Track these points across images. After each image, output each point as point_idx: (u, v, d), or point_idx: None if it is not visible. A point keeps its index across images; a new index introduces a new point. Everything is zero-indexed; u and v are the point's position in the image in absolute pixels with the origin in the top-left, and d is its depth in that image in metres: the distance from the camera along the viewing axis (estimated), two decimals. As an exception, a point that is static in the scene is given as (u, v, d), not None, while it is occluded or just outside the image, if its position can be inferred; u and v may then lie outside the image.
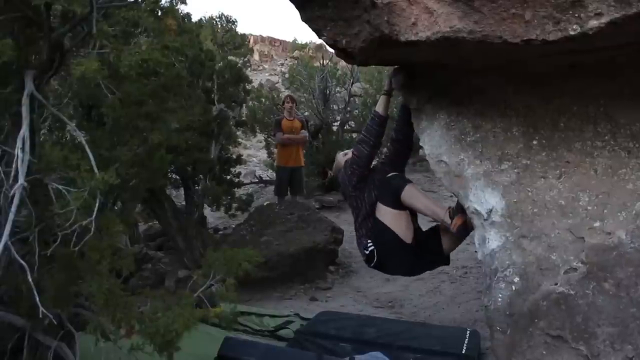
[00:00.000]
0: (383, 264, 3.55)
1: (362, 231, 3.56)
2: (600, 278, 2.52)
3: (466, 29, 2.17)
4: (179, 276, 5.85)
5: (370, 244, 3.47)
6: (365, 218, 3.52)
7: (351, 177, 3.57)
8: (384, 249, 3.45)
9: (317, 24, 2.82)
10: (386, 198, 3.41)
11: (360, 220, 3.56)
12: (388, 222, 3.40)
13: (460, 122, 3.03)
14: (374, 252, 3.46)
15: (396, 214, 3.39)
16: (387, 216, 3.40)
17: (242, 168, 9.41)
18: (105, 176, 2.12)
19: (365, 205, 3.52)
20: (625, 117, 2.61)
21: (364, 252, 3.53)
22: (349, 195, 3.65)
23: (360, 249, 3.62)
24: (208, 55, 6.72)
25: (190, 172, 6.73)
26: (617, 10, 1.88)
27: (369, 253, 3.49)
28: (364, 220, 3.54)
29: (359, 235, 3.63)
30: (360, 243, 3.62)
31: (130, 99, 2.75)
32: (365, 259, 3.59)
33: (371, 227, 3.48)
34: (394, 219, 3.40)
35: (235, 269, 2.64)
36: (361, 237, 3.58)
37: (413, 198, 3.38)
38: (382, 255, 3.47)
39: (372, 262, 3.52)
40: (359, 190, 3.54)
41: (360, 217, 3.55)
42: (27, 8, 2.25)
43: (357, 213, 3.58)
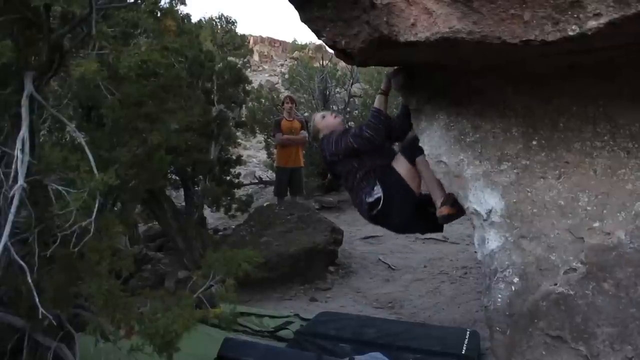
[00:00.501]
0: (385, 212, 3.60)
1: (364, 184, 3.65)
2: (600, 278, 2.52)
3: (465, 29, 2.17)
4: (179, 277, 5.85)
5: (377, 192, 3.57)
6: (370, 172, 3.63)
7: (348, 147, 3.67)
8: (391, 193, 3.56)
9: (316, 24, 2.82)
10: (407, 154, 3.60)
11: (362, 176, 3.65)
12: (402, 172, 3.58)
13: (460, 122, 3.03)
14: (380, 198, 3.55)
15: (411, 168, 3.58)
16: (403, 167, 3.59)
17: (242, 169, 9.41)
18: (104, 177, 2.12)
19: (368, 161, 3.65)
20: (624, 117, 2.61)
21: (367, 201, 3.60)
22: (335, 161, 3.78)
23: (362, 200, 3.67)
24: (208, 56, 6.72)
25: (189, 172, 6.73)
26: (616, 10, 1.88)
27: (374, 200, 3.57)
28: (366, 175, 3.64)
29: (357, 190, 3.70)
30: (360, 197, 3.69)
31: (130, 100, 2.75)
32: (367, 207, 3.64)
33: (380, 175, 3.61)
34: (408, 172, 3.58)
35: (235, 270, 2.64)
36: (362, 189, 3.66)
37: (424, 166, 3.47)
38: (388, 200, 3.56)
39: (375, 209, 3.59)
40: (354, 157, 3.67)
41: (361, 173, 3.65)
42: (26, 9, 2.25)
43: (353, 173, 3.69)
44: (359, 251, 6.97)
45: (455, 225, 7.58)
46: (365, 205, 3.64)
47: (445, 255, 6.45)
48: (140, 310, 2.43)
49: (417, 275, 5.91)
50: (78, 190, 2.13)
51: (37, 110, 2.47)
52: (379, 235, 7.56)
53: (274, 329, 4.14)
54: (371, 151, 3.65)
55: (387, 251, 6.92)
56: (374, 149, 3.66)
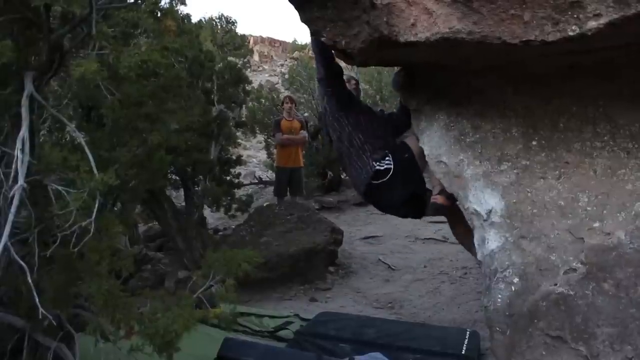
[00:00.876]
0: (390, 185, 3.47)
1: (368, 147, 3.51)
2: (600, 278, 2.52)
3: (465, 29, 2.17)
4: (179, 277, 5.85)
5: (388, 162, 3.43)
6: (376, 139, 3.53)
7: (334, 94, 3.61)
8: (402, 168, 3.44)
9: (316, 24, 2.82)
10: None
11: (363, 140, 3.53)
12: (414, 149, 3.47)
13: (460, 122, 3.03)
14: (390, 170, 3.42)
15: (422, 152, 3.41)
16: (415, 145, 3.45)
17: (242, 169, 9.40)
18: (104, 177, 2.12)
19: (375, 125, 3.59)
20: (624, 117, 2.61)
21: (375, 167, 3.45)
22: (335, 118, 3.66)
23: (365, 165, 3.51)
24: (208, 56, 6.72)
25: (190, 172, 6.72)
26: (616, 11, 1.88)
27: (384, 170, 3.44)
28: (370, 142, 3.53)
29: (353, 152, 3.56)
30: (360, 162, 3.53)
31: (130, 100, 2.75)
32: (372, 174, 3.47)
33: (392, 147, 3.51)
34: (420, 154, 3.44)
35: (234, 270, 2.63)
36: (366, 154, 3.51)
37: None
38: (397, 174, 3.44)
39: (381, 179, 3.45)
40: (346, 108, 3.59)
41: (361, 137, 3.53)
42: (26, 9, 2.24)
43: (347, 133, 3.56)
44: (359, 251, 6.97)
45: (455, 226, 7.59)
46: (371, 171, 3.46)
47: (445, 256, 6.45)
48: (140, 311, 2.42)
49: (417, 276, 5.91)
50: (78, 190, 2.13)
51: (37, 110, 2.47)
52: (378, 236, 7.57)
53: (273, 329, 4.14)
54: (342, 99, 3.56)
55: (387, 251, 6.92)
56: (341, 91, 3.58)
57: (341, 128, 3.57)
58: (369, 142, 3.49)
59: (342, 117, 3.53)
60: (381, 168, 3.44)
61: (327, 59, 3.41)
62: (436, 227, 7.73)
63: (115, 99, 2.63)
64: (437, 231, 7.60)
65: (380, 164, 3.44)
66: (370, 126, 3.54)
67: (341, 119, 3.54)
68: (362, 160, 3.50)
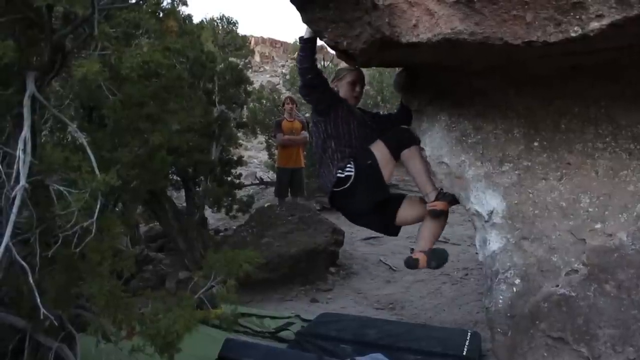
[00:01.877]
0: (350, 192, 3.37)
1: (337, 156, 3.41)
2: (602, 280, 2.52)
3: (467, 30, 2.17)
4: (180, 277, 5.86)
5: (349, 169, 3.34)
6: (346, 146, 3.43)
7: (311, 103, 3.56)
8: (363, 175, 3.34)
9: (318, 25, 2.82)
10: (390, 143, 3.40)
11: (334, 148, 3.44)
12: (378, 156, 3.36)
13: (461, 123, 3.03)
14: (351, 176, 3.33)
15: (387, 155, 3.37)
16: (380, 152, 3.37)
17: (243, 169, 9.41)
18: (106, 177, 2.13)
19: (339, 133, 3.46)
20: (626, 118, 2.61)
21: (337, 174, 3.37)
22: (314, 123, 3.58)
23: (331, 172, 3.42)
24: (209, 56, 6.72)
25: (191, 173, 6.73)
26: (618, 11, 1.87)
27: (344, 176, 3.34)
28: (340, 148, 3.43)
29: (325, 159, 3.48)
30: (329, 168, 3.45)
31: (131, 101, 2.75)
32: (335, 181, 3.38)
33: (356, 154, 3.40)
34: (383, 157, 3.36)
35: (235, 271, 2.64)
36: (333, 162, 3.42)
37: (412, 159, 3.37)
38: (357, 181, 3.34)
39: (342, 187, 3.36)
40: (324, 115, 3.47)
41: (334, 144, 3.44)
42: (28, 10, 2.25)
43: (323, 140, 3.47)
44: (360, 252, 6.97)
45: (456, 227, 7.61)
46: (334, 178, 3.39)
47: (447, 257, 6.43)
48: (142, 311, 2.43)
49: (418, 277, 5.91)
50: (79, 190, 2.13)
51: (39, 110, 2.47)
52: (380, 236, 7.55)
53: (274, 329, 4.14)
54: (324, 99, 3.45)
55: (388, 252, 6.93)
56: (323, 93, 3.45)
57: (317, 134, 3.52)
58: (339, 151, 3.41)
59: (319, 123, 3.47)
60: (342, 175, 3.36)
61: (305, 70, 3.34)
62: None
63: (117, 100, 2.63)
64: (438, 232, 7.56)
65: (341, 172, 3.36)
66: (347, 135, 3.44)
67: (319, 125, 3.48)
68: (329, 168, 3.44)
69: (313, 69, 3.33)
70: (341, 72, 3.76)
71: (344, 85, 3.62)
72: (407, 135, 3.43)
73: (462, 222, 7.43)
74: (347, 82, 3.62)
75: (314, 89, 3.39)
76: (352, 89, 3.62)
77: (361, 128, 3.50)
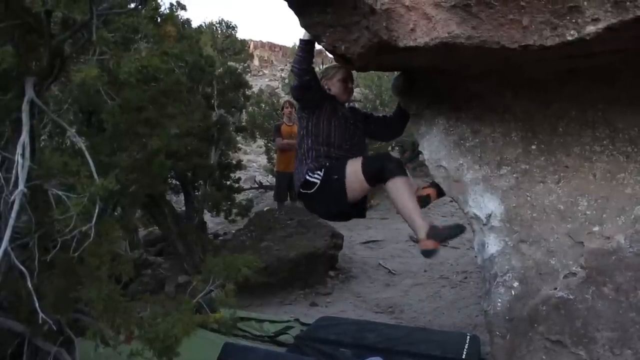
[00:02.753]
0: (311, 198, 3.38)
1: (311, 154, 3.39)
2: (600, 282, 2.52)
3: (464, 34, 2.18)
4: (179, 281, 5.86)
5: (317, 177, 3.30)
6: (322, 149, 3.39)
7: (298, 101, 3.58)
8: (326, 187, 3.28)
9: (316, 29, 2.83)
10: (368, 168, 3.21)
11: (309, 146, 3.41)
12: (348, 177, 3.23)
13: (459, 127, 3.04)
14: (316, 183, 3.29)
15: (360, 181, 3.21)
16: (353, 174, 3.23)
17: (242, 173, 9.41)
18: (104, 182, 2.13)
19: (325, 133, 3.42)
20: (623, 121, 2.62)
21: (306, 175, 3.34)
22: (298, 117, 3.62)
23: (302, 169, 3.40)
24: (208, 61, 6.74)
25: (190, 177, 6.74)
26: (614, 15, 1.88)
27: (311, 181, 3.31)
28: (316, 148, 3.40)
29: (299, 155, 3.46)
30: (300, 163, 3.44)
31: (130, 105, 2.76)
32: (302, 181, 3.36)
33: (331, 163, 3.34)
34: (355, 182, 3.23)
35: (234, 275, 2.64)
36: (306, 161, 3.39)
37: (397, 192, 3.16)
38: (320, 191, 3.30)
39: (306, 190, 3.35)
40: (308, 112, 3.46)
41: (310, 142, 3.41)
42: (27, 15, 2.26)
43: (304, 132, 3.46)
44: (359, 256, 6.97)
45: (455, 230, 7.60)
46: (303, 178, 3.36)
47: (446, 260, 6.45)
48: (140, 315, 2.43)
49: (418, 280, 5.92)
50: (78, 195, 2.13)
51: (38, 115, 2.47)
52: (379, 240, 7.57)
53: (274, 333, 4.14)
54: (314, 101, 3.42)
55: (387, 256, 6.93)
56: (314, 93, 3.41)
57: (299, 129, 3.54)
58: (314, 149, 3.38)
59: (302, 119, 3.48)
60: (309, 179, 3.33)
61: (303, 71, 3.31)
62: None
63: (116, 104, 2.64)
64: (437, 235, 7.57)
65: (310, 175, 3.33)
66: (326, 134, 3.40)
67: (302, 120, 3.50)
68: (301, 164, 3.43)
69: (310, 70, 3.35)
70: (330, 70, 3.74)
71: (335, 84, 3.61)
72: (392, 165, 3.19)
73: (461, 226, 7.42)
74: (338, 79, 3.61)
75: (309, 90, 3.39)
76: (345, 86, 3.62)
77: (343, 128, 3.47)
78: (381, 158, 3.34)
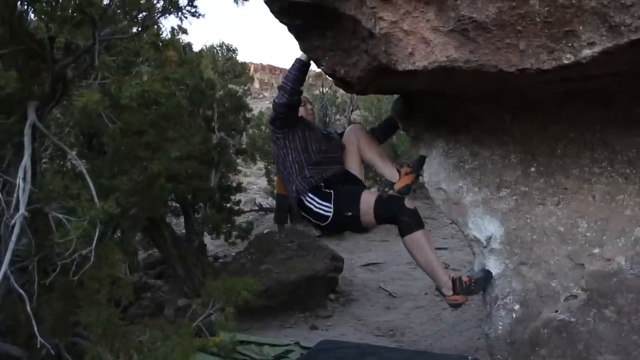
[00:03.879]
0: (324, 228, 3.38)
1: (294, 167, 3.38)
2: (601, 305, 2.51)
3: (462, 58, 2.20)
4: (179, 305, 5.81)
5: (327, 209, 3.26)
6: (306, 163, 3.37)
7: (274, 121, 3.47)
8: (341, 220, 3.26)
9: (316, 53, 2.86)
10: (381, 212, 3.19)
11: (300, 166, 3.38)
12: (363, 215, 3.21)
13: (458, 149, 3.05)
14: (328, 217, 3.25)
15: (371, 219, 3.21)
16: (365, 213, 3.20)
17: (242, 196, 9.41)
18: (105, 205, 2.14)
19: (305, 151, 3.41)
20: (621, 143, 2.63)
21: (314, 209, 3.30)
22: (273, 139, 3.56)
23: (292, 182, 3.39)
24: (208, 84, 6.78)
25: (190, 200, 6.73)
26: (609, 39, 1.91)
27: (323, 215, 3.27)
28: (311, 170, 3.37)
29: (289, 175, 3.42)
30: (288, 179, 3.43)
31: (131, 129, 2.78)
32: (312, 215, 3.33)
33: (338, 194, 3.29)
34: (367, 216, 3.21)
35: (234, 298, 2.63)
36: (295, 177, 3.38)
37: (419, 249, 3.14)
38: (334, 222, 3.27)
39: (319, 222, 3.31)
40: (284, 131, 3.42)
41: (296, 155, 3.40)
42: (31, 41, 2.29)
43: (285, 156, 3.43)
44: (360, 278, 6.93)
45: (456, 252, 7.59)
46: (309, 210, 3.32)
47: (446, 282, 6.40)
48: (140, 339, 2.42)
49: (418, 303, 5.88)
50: (79, 218, 2.14)
51: (39, 138, 2.49)
52: (379, 263, 7.54)
53: (274, 357, 4.10)
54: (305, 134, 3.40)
55: (387, 278, 6.89)
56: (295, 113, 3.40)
57: (278, 151, 3.50)
58: (296, 162, 3.37)
59: (279, 140, 3.44)
60: (320, 213, 3.29)
61: (295, 91, 3.28)
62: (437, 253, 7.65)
63: (117, 128, 2.66)
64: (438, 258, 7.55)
65: (319, 207, 3.29)
66: (304, 144, 3.40)
67: (278, 141, 3.45)
68: (290, 184, 3.42)
69: (300, 92, 3.35)
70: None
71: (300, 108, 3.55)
72: (407, 220, 3.10)
73: (462, 248, 7.40)
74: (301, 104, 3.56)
75: (293, 109, 3.37)
76: (305, 109, 3.63)
77: (317, 135, 3.48)
78: (395, 207, 3.18)
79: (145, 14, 2.39)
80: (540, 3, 1.97)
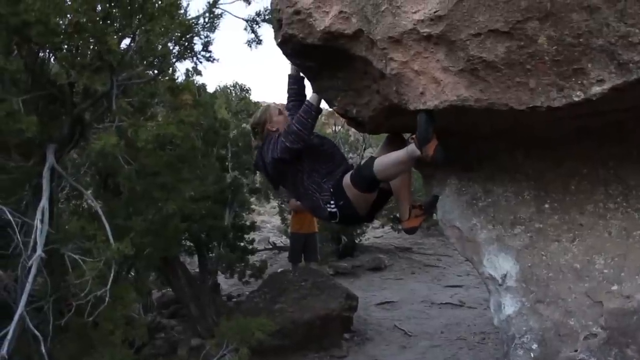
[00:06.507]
0: (343, 220, 3.38)
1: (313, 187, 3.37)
2: (622, 344, 2.45)
3: (473, 97, 2.23)
4: (192, 345, 5.77)
5: (333, 207, 3.29)
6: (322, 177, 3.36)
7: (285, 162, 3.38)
8: (344, 212, 3.28)
9: (327, 94, 2.91)
10: (356, 180, 3.17)
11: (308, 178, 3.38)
12: (351, 198, 3.22)
13: (471, 187, 3.05)
14: (336, 213, 3.28)
15: (359, 195, 3.20)
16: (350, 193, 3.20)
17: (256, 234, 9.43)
18: (120, 246, 2.16)
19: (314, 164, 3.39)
20: (635, 179, 2.62)
21: (328, 210, 3.33)
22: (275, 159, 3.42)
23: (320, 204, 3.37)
24: (222, 124, 6.88)
25: (204, 239, 6.75)
26: (618, 77, 1.93)
27: (333, 212, 3.30)
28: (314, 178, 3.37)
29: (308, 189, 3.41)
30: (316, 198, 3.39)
31: (146, 170, 2.82)
32: (326, 215, 3.37)
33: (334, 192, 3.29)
34: (357, 198, 3.22)
35: (248, 338, 2.62)
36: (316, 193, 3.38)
37: (385, 168, 3.05)
38: (343, 216, 3.30)
39: (333, 220, 3.37)
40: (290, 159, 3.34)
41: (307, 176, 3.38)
42: (52, 87, 2.36)
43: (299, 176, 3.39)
44: (375, 317, 6.85)
45: (471, 289, 7.49)
46: (326, 212, 3.35)
47: (463, 321, 6.32)
48: (153, 381, 2.40)
49: (434, 342, 5.78)
50: (94, 259, 2.16)
51: (57, 179, 2.54)
52: (394, 301, 7.46)
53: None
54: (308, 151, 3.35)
55: (403, 317, 6.81)
56: (310, 148, 3.35)
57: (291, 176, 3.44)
58: (314, 171, 3.35)
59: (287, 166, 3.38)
60: (332, 211, 3.32)
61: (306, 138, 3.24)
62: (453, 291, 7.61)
63: (132, 169, 2.70)
64: (453, 295, 7.48)
65: (330, 207, 3.31)
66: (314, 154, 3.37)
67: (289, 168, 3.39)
68: (314, 200, 3.39)
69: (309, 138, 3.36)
70: (262, 117, 3.58)
71: (279, 120, 3.49)
72: (370, 162, 3.12)
73: (478, 285, 7.31)
74: (276, 115, 3.52)
75: (299, 152, 3.41)
76: (283, 116, 3.52)
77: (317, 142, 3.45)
78: (360, 167, 3.26)
79: (161, 59, 2.46)
80: (548, 42, 2.00)
